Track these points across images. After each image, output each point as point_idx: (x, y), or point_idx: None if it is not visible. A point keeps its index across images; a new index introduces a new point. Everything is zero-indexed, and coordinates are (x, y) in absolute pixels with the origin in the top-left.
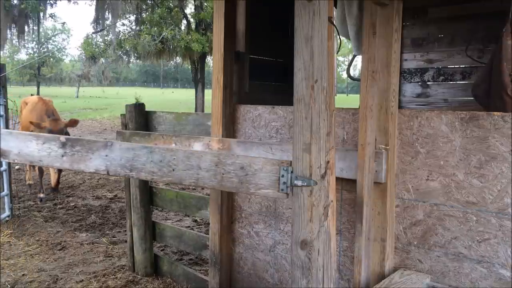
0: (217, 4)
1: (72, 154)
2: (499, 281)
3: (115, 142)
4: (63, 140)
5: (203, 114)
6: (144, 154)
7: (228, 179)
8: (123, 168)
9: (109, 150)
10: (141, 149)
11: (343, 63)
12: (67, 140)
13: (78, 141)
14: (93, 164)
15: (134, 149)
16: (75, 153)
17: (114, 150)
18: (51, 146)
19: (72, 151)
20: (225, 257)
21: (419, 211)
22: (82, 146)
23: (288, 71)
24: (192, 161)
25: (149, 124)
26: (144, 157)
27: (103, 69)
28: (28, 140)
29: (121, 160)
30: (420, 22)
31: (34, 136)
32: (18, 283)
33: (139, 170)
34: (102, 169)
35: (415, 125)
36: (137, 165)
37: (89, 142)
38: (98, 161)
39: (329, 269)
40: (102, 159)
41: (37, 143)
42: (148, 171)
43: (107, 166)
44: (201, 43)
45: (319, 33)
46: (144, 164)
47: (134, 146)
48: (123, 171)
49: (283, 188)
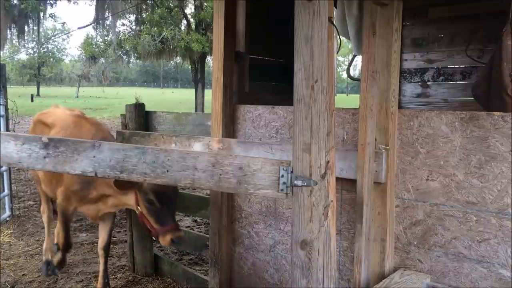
0: (217, 4)
1: (56, 155)
2: (499, 281)
3: (103, 143)
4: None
5: (203, 114)
6: (136, 155)
7: (226, 180)
8: (113, 170)
9: (97, 151)
10: (132, 150)
11: (343, 63)
12: (50, 140)
13: (63, 141)
14: (80, 165)
15: (125, 150)
16: (59, 154)
17: (103, 151)
18: (32, 147)
19: (56, 152)
20: (225, 257)
21: (419, 211)
22: (67, 146)
23: (288, 71)
24: (187, 161)
25: (149, 124)
26: (135, 158)
27: (103, 69)
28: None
29: (111, 161)
30: (420, 22)
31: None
32: (18, 283)
33: (130, 171)
34: (90, 170)
35: (415, 125)
36: (128, 166)
37: (75, 142)
38: (85, 163)
39: (329, 269)
40: (89, 160)
41: (15, 143)
42: (140, 173)
43: (94, 167)
44: (201, 43)
45: (319, 33)
46: (135, 165)
47: (125, 146)
48: (113, 172)
49: (283, 188)
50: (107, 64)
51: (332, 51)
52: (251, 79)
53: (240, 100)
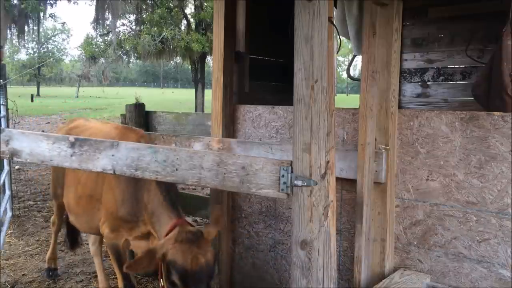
0: (217, 4)
1: (80, 153)
2: (499, 281)
3: (121, 142)
4: (72, 140)
5: (203, 114)
6: (149, 153)
7: (230, 179)
8: (129, 168)
9: (115, 149)
10: (146, 149)
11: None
12: (75, 140)
13: (86, 141)
14: (101, 163)
15: (139, 149)
16: (83, 153)
17: (120, 150)
18: (61, 146)
19: (81, 151)
20: (225, 257)
21: (419, 211)
22: (90, 145)
23: (288, 71)
24: (194, 160)
25: (149, 124)
26: (148, 157)
27: (103, 69)
28: (39, 140)
29: (127, 160)
30: (420, 22)
31: (45, 136)
32: (18, 283)
33: (144, 169)
34: (109, 168)
35: (415, 125)
36: (142, 164)
37: (97, 142)
38: (105, 161)
39: (329, 269)
40: (108, 158)
41: (47, 142)
42: (153, 171)
43: (113, 165)
44: (201, 43)
45: (319, 33)
46: (148, 163)
47: (139, 145)
48: (129, 170)
49: (283, 188)
50: (107, 64)
51: (332, 51)
52: (251, 79)
53: (240, 100)
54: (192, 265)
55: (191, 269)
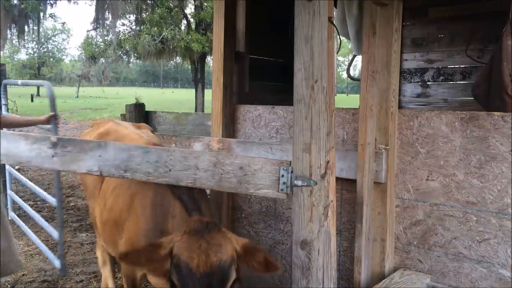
0: (217, 4)
1: (63, 154)
2: (499, 281)
3: (109, 142)
4: (54, 140)
5: (203, 114)
6: (139, 154)
7: (227, 180)
8: (117, 169)
9: (103, 150)
10: (136, 149)
11: (343, 63)
12: (58, 140)
13: (70, 141)
14: (86, 164)
15: (129, 149)
16: (66, 154)
17: (108, 151)
18: (41, 147)
19: (64, 152)
20: None
21: (419, 211)
22: (74, 146)
23: (288, 71)
24: (189, 161)
25: (149, 124)
26: (139, 158)
27: (103, 69)
28: (16, 140)
29: (115, 161)
30: (420, 22)
31: (23, 136)
32: (18, 283)
33: (134, 170)
34: (95, 169)
35: (415, 125)
36: (132, 165)
37: (82, 142)
38: (91, 162)
39: (329, 269)
40: (95, 159)
41: (26, 143)
42: (144, 172)
43: (100, 166)
44: (201, 43)
45: (319, 33)
46: (139, 164)
47: (129, 146)
48: (117, 172)
49: (283, 188)
50: (107, 64)
51: (332, 51)
52: (251, 79)
53: (240, 100)
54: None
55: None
